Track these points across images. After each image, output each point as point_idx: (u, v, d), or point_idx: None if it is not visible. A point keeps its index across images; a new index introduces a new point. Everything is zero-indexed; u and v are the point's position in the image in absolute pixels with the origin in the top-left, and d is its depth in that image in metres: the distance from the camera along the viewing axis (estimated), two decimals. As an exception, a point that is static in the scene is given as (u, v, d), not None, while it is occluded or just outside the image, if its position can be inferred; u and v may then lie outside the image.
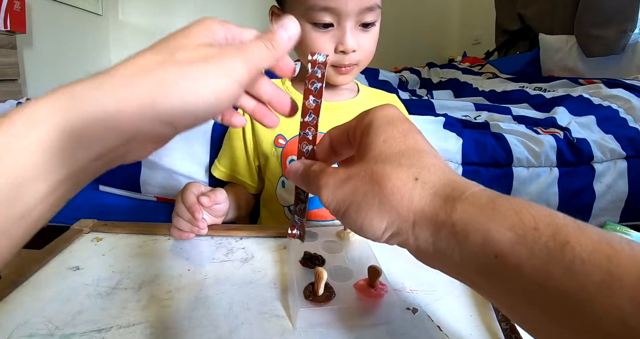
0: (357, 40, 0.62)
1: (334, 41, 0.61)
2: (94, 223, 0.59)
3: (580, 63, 2.01)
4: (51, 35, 2.15)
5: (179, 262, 0.50)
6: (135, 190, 0.86)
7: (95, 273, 0.47)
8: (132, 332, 0.37)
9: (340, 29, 0.60)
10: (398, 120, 0.27)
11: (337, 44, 0.61)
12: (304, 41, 0.62)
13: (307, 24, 0.61)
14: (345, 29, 0.60)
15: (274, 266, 0.50)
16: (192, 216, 0.51)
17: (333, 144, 0.31)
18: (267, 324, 0.39)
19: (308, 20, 0.60)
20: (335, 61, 0.63)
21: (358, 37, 0.62)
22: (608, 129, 1.11)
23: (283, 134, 0.70)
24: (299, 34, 0.29)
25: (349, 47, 0.60)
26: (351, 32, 0.60)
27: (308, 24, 0.61)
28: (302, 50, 0.64)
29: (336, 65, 0.63)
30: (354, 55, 0.62)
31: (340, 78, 0.66)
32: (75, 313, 0.39)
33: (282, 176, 0.69)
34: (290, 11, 0.64)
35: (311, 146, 0.34)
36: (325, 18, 0.59)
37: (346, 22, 0.60)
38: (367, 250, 0.50)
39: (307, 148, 0.34)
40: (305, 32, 0.61)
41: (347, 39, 0.60)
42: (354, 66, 0.64)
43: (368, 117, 0.28)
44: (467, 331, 0.39)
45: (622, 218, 1.03)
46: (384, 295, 0.40)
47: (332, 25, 0.60)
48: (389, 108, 0.28)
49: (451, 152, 0.92)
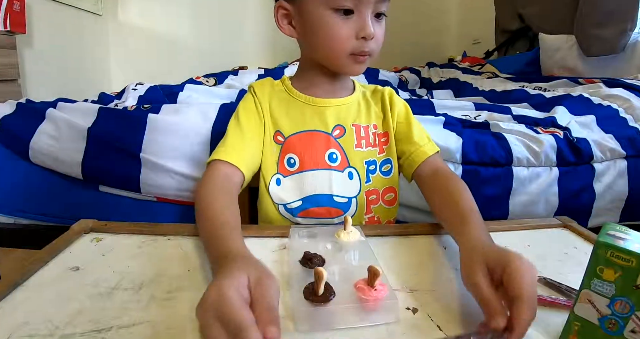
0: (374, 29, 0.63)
1: (355, 28, 0.62)
2: (93, 223, 0.59)
3: (580, 62, 2.01)
4: (51, 35, 2.15)
5: (179, 262, 0.50)
6: (135, 190, 0.86)
7: (96, 273, 0.47)
8: (132, 332, 0.37)
9: (361, 15, 0.62)
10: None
11: (357, 31, 0.62)
12: (323, 29, 0.63)
13: (327, 10, 0.62)
14: (366, 16, 0.62)
15: (273, 266, 0.50)
16: None
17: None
18: (267, 324, 0.39)
19: (330, 5, 0.61)
20: (355, 48, 0.63)
21: (374, 25, 0.63)
22: (608, 129, 1.11)
23: (281, 131, 0.69)
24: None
25: (370, 33, 0.62)
26: (371, 20, 0.62)
27: (328, 11, 0.62)
28: (322, 38, 0.64)
29: (356, 52, 0.64)
30: (372, 42, 0.63)
31: (357, 67, 0.67)
32: (75, 314, 0.40)
33: (277, 173, 0.69)
34: (304, 1, 0.63)
35: None
36: (347, 3, 0.60)
37: (367, 9, 0.61)
38: (367, 250, 0.51)
39: None
40: (326, 20, 0.62)
41: (368, 25, 0.62)
42: (368, 56, 0.65)
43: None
44: (467, 330, 0.39)
45: (622, 218, 1.03)
46: (383, 295, 0.40)
47: (352, 12, 0.62)
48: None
49: (451, 151, 0.92)
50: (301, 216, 0.68)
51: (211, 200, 0.55)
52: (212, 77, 1.65)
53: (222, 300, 0.31)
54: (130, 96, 1.24)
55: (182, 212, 0.88)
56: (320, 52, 0.66)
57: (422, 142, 0.72)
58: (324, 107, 0.70)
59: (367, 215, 0.71)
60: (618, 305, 0.33)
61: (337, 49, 0.64)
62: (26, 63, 1.92)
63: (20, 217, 0.92)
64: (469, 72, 2.30)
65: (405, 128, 0.74)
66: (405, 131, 0.74)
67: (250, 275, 0.34)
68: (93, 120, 0.87)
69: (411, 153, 0.71)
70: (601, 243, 0.33)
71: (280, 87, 0.74)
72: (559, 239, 0.61)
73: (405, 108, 0.77)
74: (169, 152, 0.84)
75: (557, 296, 0.45)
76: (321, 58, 0.68)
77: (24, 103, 0.95)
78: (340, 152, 0.69)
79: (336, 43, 0.63)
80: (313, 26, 0.64)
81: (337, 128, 0.70)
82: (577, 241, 0.60)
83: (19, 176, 0.89)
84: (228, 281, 0.33)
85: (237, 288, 0.33)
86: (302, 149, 0.68)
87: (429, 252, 0.55)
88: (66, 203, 0.90)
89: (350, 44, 0.63)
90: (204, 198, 0.55)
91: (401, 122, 0.74)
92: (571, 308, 0.36)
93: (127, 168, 0.84)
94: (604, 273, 0.33)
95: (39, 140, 0.85)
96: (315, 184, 0.68)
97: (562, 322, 0.37)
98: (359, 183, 0.69)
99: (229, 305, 0.30)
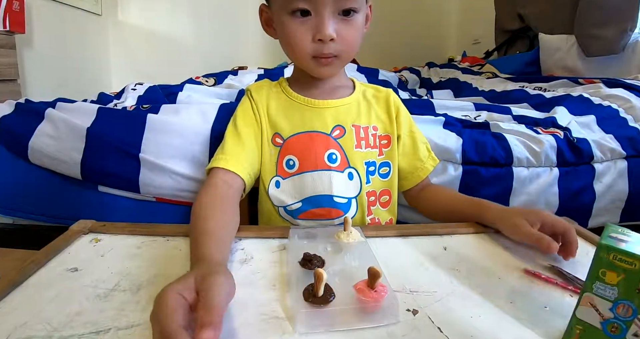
0: (338, 29, 0.60)
1: (312, 30, 0.60)
2: (92, 223, 0.59)
3: (580, 62, 2.01)
4: (50, 35, 2.14)
5: (178, 263, 0.50)
6: (135, 190, 0.86)
7: (94, 275, 0.47)
8: (130, 334, 0.37)
9: (318, 16, 0.59)
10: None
11: (314, 33, 0.60)
12: (285, 32, 0.62)
13: (285, 14, 0.60)
14: (323, 16, 0.59)
15: (273, 267, 0.50)
16: None
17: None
18: (266, 326, 0.39)
19: (286, 10, 0.60)
20: (313, 51, 0.62)
21: (338, 25, 0.60)
22: (608, 129, 1.11)
23: (280, 133, 0.69)
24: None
25: (325, 35, 0.59)
26: (330, 20, 0.59)
27: (286, 15, 0.60)
28: (285, 41, 0.64)
29: (316, 55, 0.62)
30: (333, 45, 0.61)
31: (322, 70, 0.65)
32: (73, 315, 0.39)
33: (276, 176, 0.69)
34: (272, 4, 0.64)
35: None
36: (301, 4, 0.58)
37: (323, 9, 0.58)
38: (367, 251, 0.50)
39: None
40: (286, 23, 0.61)
41: (323, 26, 0.59)
42: (334, 58, 0.63)
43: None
44: (467, 332, 0.39)
45: (622, 218, 1.03)
46: (384, 296, 0.39)
47: (309, 14, 0.59)
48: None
49: (451, 151, 0.91)
50: (302, 218, 0.68)
51: (204, 208, 0.54)
52: (212, 77, 1.65)
53: (160, 304, 0.31)
54: (130, 96, 1.24)
55: (181, 212, 0.88)
56: (289, 54, 0.66)
57: (424, 157, 0.75)
58: (323, 108, 0.70)
59: (369, 216, 0.70)
60: (621, 308, 0.33)
61: (297, 52, 0.63)
62: (25, 63, 1.92)
63: (19, 217, 0.92)
64: (468, 72, 2.30)
65: (410, 142, 0.75)
66: (410, 145, 0.75)
67: (197, 276, 0.34)
68: (92, 120, 0.87)
69: (416, 169, 0.75)
70: (604, 246, 0.33)
71: (278, 89, 0.73)
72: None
73: (409, 119, 0.77)
74: (168, 152, 0.84)
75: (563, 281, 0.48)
76: (293, 61, 0.68)
77: (23, 103, 0.95)
78: (340, 152, 0.69)
79: (295, 47, 0.62)
80: (278, 29, 0.65)
81: (336, 129, 0.69)
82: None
83: (18, 176, 0.89)
84: (172, 285, 0.33)
85: (179, 291, 0.33)
86: (301, 150, 0.68)
87: (429, 253, 0.55)
88: (65, 203, 0.90)
89: (310, 47, 0.61)
90: (198, 206, 0.55)
91: (406, 135, 0.75)
92: (573, 312, 0.36)
93: (126, 168, 0.84)
94: (606, 276, 0.33)
95: (38, 140, 0.85)
96: (315, 185, 0.67)
97: (564, 312, 0.37)
98: (360, 184, 0.69)
99: (162, 310, 0.31)
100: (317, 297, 0.39)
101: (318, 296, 0.39)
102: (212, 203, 0.56)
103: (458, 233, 0.61)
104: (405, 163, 0.74)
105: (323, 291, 0.39)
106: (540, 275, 0.49)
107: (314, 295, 0.39)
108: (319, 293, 0.39)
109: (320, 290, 0.39)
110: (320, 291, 0.39)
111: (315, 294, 0.39)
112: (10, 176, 0.89)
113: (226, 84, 1.58)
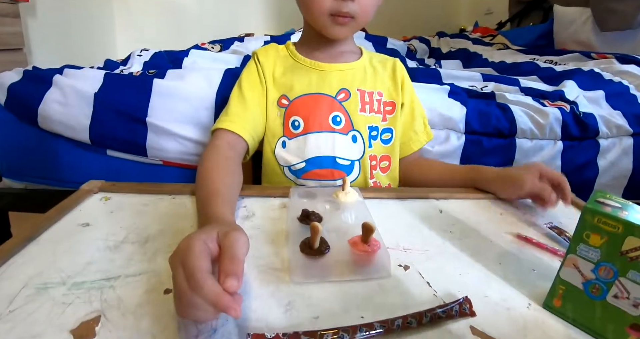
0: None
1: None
2: (102, 183, 0.61)
3: (593, 37, 1.94)
4: (54, 3, 2.11)
5: (182, 218, 0.52)
6: (142, 154, 0.88)
7: (104, 229, 0.49)
8: (138, 281, 0.40)
9: None
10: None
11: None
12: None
13: None
14: None
15: (273, 223, 0.52)
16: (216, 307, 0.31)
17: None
18: (264, 276, 0.41)
19: None
20: (332, 8, 0.63)
21: None
22: (617, 105, 1.09)
23: (287, 94, 0.70)
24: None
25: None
26: None
27: None
28: (303, 1, 0.65)
29: (333, 12, 0.63)
30: (352, 4, 0.62)
31: (337, 29, 0.66)
32: (85, 264, 0.42)
33: (283, 136, 0.70)
34: None
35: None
36: None
37: None
38: (364, 210, 0.52)
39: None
40: None
41: None
42: (350, 19, 0.64)
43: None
44: (455, 288, 0.41)
45: (624, 195, 1.03)
46: (376, 251, 0.41)
47: None
48: None
49: (454, 120, 0.91)
50: (305, 178, 0.70)
51: (209, 169, 0.56)
52: (218, 43, 1.63)
53: (187, 249, 0.33)
54: (136, 62, 1.24)
55: (187, 175, 0.90)
56: (304, 12, 0.67)
57: (420, 131, 0.77)
58: (329, 72, 0.71)
59: (371, 180, 0.72)
60: (602, 270, 0.34)
61: (315, 9, 0.63)
62: (30, 32, 1.91)
63: (30, 182, 0.95)
64: (479, 42, 2.24)
65: (409, 112, 0.76)
66: (408, 114, 0.76)
67: (220, 231, 0.36)
68: (99, 86, 0.88)
69: (410, 139, 0.77)
70: (589, 209, 0.34)
71: (285, 52, 0.74)
72: (559, 211, 0.60)
73: (412, 90, 0.78)
74: (174, 116, 0.85)
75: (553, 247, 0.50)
76: (308, 20, 0.69)
77: (31, 70, 0.96)
78: (345, 115, 0.70)
79: (314, 2, 0.63)
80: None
81: (341, 92, 0.70)
82: (577, 214, 0.61)
83: (29, 143, 0.91)
84: (198, 234, 0.35)
85: (204, 241, 0.34)
86: (306, 112, 0.69)
87: (425, 215, 0.57)
88: (75, 167, 0.92)
89: (328, 4, 0.62)
90: (204, 167, 0.56)
91: (407, 105, 0.76)
92: (557, 272, 0.37)
93: (133, 132, 0.85)
94: (590, 239, 0.34)
95: (46, 106, 0.86)
96: (318, 146, 0.69)
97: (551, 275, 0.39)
98: (363, 147, 0.70)
99: (190, 253, 0.32)
100: (313, 249, 0.41)
101: (314, 248, 0.41)
102: (217, 164, 0.57)
103: (454, 198, 0.63)
104: (399, 131, 0.75)
105: (319, 243, 0.41)
106: (532, 240, 0.51)
107: (310, 247, 0.41)
108: (315, 245, 0.41)
109: (316, 243, 0.41)
110: (316, 243, 0.41)
111: (311, 247, 0.41)
112: (21, 143, 0.91)
113: (232, 50, 1.56)
